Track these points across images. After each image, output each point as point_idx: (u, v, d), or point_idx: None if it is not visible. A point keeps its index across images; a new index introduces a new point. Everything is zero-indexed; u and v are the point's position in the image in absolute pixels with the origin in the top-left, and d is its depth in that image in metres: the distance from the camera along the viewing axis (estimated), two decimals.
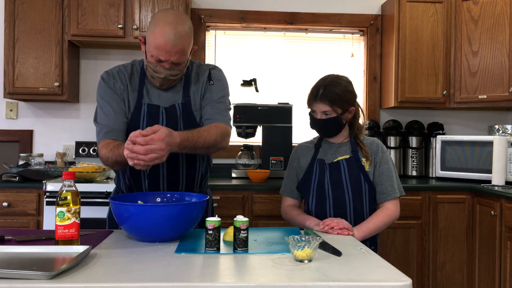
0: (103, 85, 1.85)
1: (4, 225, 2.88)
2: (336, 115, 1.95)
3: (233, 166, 3.46)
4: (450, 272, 3.12)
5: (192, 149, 1.70)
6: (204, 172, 1.97)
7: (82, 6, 3.20)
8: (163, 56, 1.71)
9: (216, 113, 1.84)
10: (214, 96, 1.87)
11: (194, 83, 1.89)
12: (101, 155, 1.74)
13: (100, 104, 1.84)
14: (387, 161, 2.00)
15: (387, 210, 1.95)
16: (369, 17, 3.76)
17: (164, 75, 1.77)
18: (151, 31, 1.73)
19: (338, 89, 1.94)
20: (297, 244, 1.34)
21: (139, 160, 1.49)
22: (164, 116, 1.83)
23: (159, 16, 1.76)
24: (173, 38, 1.69)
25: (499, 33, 3.32)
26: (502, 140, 3.02)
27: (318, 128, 2.02)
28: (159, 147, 1.50)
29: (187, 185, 1.90)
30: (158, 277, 1.19)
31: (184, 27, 1.73)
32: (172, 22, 1.71)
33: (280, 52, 3.80)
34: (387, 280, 1.20)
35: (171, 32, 1.69)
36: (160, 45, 1.69)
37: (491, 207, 2.88)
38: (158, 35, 1.69)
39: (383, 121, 3.76)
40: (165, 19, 1.72)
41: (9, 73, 3.22)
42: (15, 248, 1.39)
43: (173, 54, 1.71)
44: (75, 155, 3.48)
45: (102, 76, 1.87)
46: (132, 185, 1.89)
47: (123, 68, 1.89)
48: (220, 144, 1.78)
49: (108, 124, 1.79)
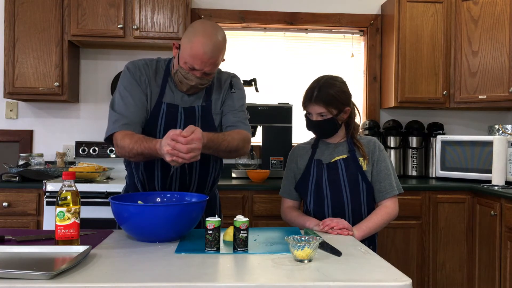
0: (128, 75, 1.86)
1: (4, 225, 2.88)
2: (332, 116, 1.95)
3: (233, 166, 3.46)
4: (450, 272, 3.12)
5: (215, 151, 1.77)
6: (216, 175, 2.00)
7: (82, 6, 3.20)
8: (198, 65, 1.76)
9: (239, 121, 1.91)
10: (236, 104, 1.94)
11: (216, 89, 1.94)
12: (123, 144, 1.74)
13: (122, 94, 1.84)
14: (385, 159, 2.00)
15: (386, 209, 1.96)
16: (369, 17, 3.77)
17: (194, 83, 1.81)
18: (189, 39, 1.76)
19: (332, 91, 1.94)
20: (297, 244, 1.34)
21: (178, 157, 1.56)
22: (183, 116, 1.86)
23: (198, 26, 1.81)
24: (211, 49, 1.74)
25: (499, 33, 3.32)
26: (502, 140, 3.02)
27: (314, 129, 2.03)
28: (198, 146, 1.58)
29: (198, 186, 1.92)
30: (158, 277, 1.19)
31: (221, 40, 1.79)
32: (211, 34, 1.76)
33: (280, 52, 3.80)
34: (387, 280, 1.20)
35: (209, 43, 1.74)
36: (197, 54, 1.74)
37: (491, 207, 2.88)
38: (196, 44, 1.73)
39: (383, 121, 3.76)
40: (205, 29, 1.77)
41: (9, 73, 3.22)
42: (15, 248, 1.39)
43: (208, 65, 1.76)
44: (75, 155, 3.47)
45: (128, 66, 1.89)
46: (145, 180, 1.90)
47: (149, 62, 1.92)
48: (241, 150, 1.86)
49: (128, 116, 1.80)
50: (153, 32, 3.25)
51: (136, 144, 1.70)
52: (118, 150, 1.79)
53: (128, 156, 1.77)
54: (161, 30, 3.25)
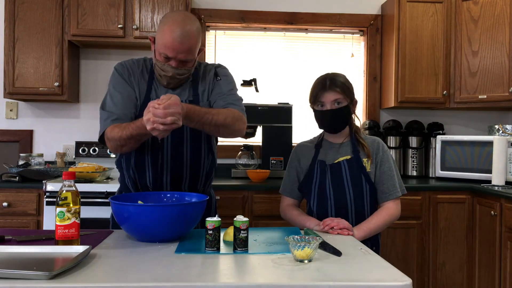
0: (116, 76, 1.89)
1: (4, 225, 2.88)
2: (347, 103, 1.97)
3: (233, 166, 3.46)
4: (450, 272, 3.12)
5: (199, 124, 1.72)
6: (209, 170, 1.97)
7: (82, 6, 3.21)
8: (170, 53, 1.76)
9: (228, 104, 1.87)
10: (224, 89, 1.91)
11: (201, 82, 1.94)
12: (112, 135, 1.75)
13: (111, 94, 1.87)
14: (388, 160, 2.00)
15: (388, 210, 1.95)
16: (369, 17, 3.76)
17: (171, 74, 1.81)
18: (160, 29, 1.79)
19: (342, 79, 2.00)
20: (297, 244, 1.34)
21: (158, 124, 1.54)
22: None
23: (168, 16, 1.83)
24: (180, 35, 1.74)
25: (499, 33, 3.31)
26: (502, 140, 3.02)
27: (328, 120, 1.98)
28: (176, 110, 1.56)
29: (190, 181, 1.91)
30: (158, 277, 1.19)
31: (192, 27, 1.79)
32: (181, 21, 1.77)
33: (280, 52, 3.80)
34: (387, 280, 1.20)
35: (178, 30, 1.74)
36: (167, 42, 1.75)
37: (491, 207, 2.88)
38: (166, 33, 1.75)
39: (383, 121, 3.76)
40: (174, 18, 1.79)
41: (9, 73, 3.22)
42: (15, 248, 1.39)
43: (180, 52, 1.76)
44: (75, 155, 3.48)
45: (116, 67, 1.92)
46: (136, 178, 1.89)
47: (136, 62, 1.94)
48: (232, 127, 1.79)
49: (117, 112, 1.82)
50: (153, 32, 3.25)
51: (125, 129, 1.72)
52: (109, 144, 1.79)
53: (120, 145, 1.76)
54: None
